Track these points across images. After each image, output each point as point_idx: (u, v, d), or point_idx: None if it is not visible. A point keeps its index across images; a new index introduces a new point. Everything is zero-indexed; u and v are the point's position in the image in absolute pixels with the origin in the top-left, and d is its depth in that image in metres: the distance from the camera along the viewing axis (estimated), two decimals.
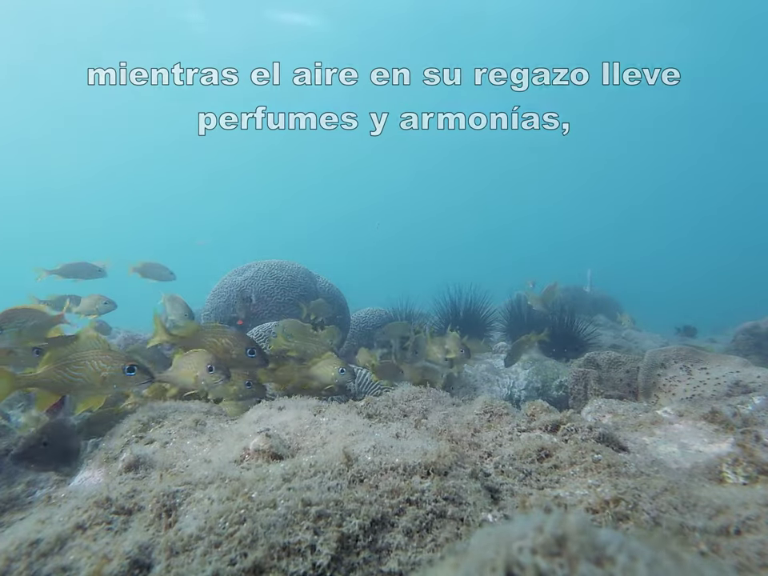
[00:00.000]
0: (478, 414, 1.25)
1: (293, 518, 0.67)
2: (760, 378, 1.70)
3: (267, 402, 1.41)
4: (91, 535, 0.73)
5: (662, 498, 0.79)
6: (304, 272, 4.04)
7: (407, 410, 1.35)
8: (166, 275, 3.54)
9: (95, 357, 1.38)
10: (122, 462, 1.01)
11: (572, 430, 1.07)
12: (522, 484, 0.91)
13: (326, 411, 1.24)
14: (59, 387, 1.37)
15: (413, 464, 0.81)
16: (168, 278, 3.56)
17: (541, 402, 1.23)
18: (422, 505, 0.73)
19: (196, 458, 1.04)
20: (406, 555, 0.66)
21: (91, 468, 1.24)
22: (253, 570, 0.61)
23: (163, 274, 3.53)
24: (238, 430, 1.15)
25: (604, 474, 0.90)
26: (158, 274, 3.52)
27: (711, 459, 1.05)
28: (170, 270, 3.55)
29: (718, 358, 1.92)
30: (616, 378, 2.12)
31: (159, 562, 0.64)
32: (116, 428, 1.42)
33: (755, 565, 0.64)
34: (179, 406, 1.49)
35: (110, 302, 2.99)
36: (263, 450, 0.91)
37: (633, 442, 1.20)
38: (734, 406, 1.36)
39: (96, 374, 1.37)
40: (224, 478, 0.81)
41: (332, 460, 0.81)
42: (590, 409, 1.57)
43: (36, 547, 0.69)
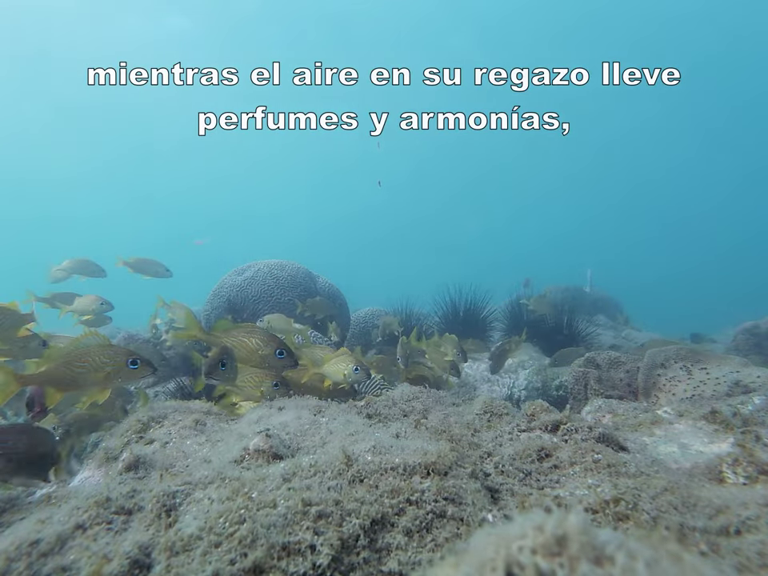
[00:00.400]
0: (478, 414, 1.25)
1: (293, 518, 0.67)
2: (760, 377, 1.70)
3: (267, 402, 1.41)
4: (91, 535, 0.73)
5: (662, 498, 0.79)
6: (304, 272, 4.04)
7: (407, 409, 1.35)
8: (162, 272, 3.48)
9: (98, 352, 1.39)
10: (122, 461, 1.01)
11: (572, 430, 1.07)
12: (522, 484, 0.91)
13: (326, 411, 1.24)
14: (64, 383, 1.38)
15: (413, 464, 0.81)
16: (163, 274, 3.49)
17: (541, 402, 1.23)
18: (421, 505, 0.73)
19: (196, 458, 1.04)
20: (406, 555, 0.66)
21: (91, 468, 1.24)
22: (253, 569, 0.61)
23: (158, 270, 3.47)
24: (238, 430, 1.15)
25: (604, 474, 0.90)
26: (153, 271, 3.46)
27: (711, 459, 1.05)
28: (165, 266, 3.50)
29: (718, 358, 1.92)
30: (616, 378, 2.11)
31: (159, 562, 0.64)
32: (116, 428, 1.42)
33: (755, 565, 0.64)
34: (179, 406, 1.49)
35: (107, 302, 2.96)
36: (263, 450, 0.91)
37: (633, 442, 1.20)
38: (734, 406, 1.36)
39: (100, 368, 1.38)
40: (224, 478, 0.81)
41: (332, 460, 0.81)
42: (590, 409, 1.57)
43: (36, 547, 0.69)
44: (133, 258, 3.45)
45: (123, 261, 3.40)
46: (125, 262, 3.40)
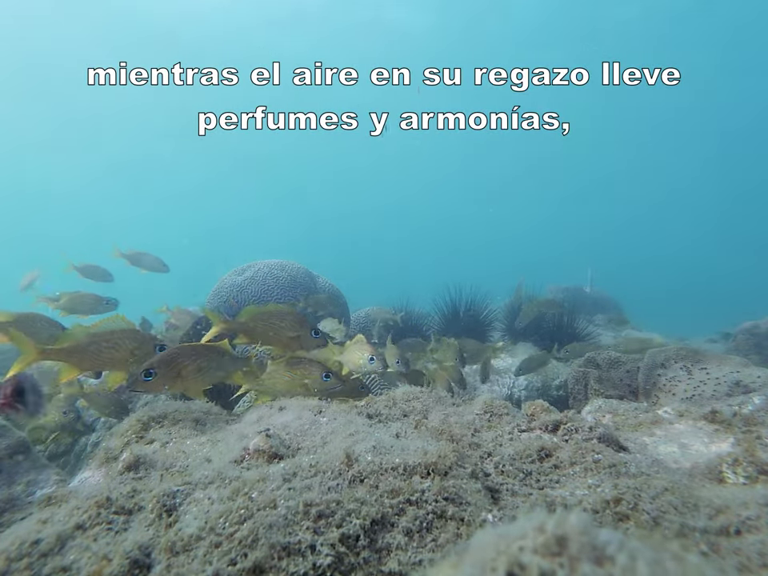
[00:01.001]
0: (479, 414, 1.25)
1: (293, 518, 0.67)
2: (760, 378, 1.70)
3: (267, 402, 1.41)
4: (91, 535, 0.73)
5: (662, 498, 0.79)
6: (304, 272, 4.04)
7: (407, 409, 1.35)
8: (159, 266, 3.43)
9: (125, 335, 1.43)
10: (122, 461, 1.01)
11: (572, 430, 1.07)
12: (523, 484, 0.91)
13: (327, 411, 1.24)
14: (86, 362, 1.41)
15: (413, 464, 0.81)
16: (161, 269, 3.44)
17: (541, 402, 1.23)
18: (422, 505, 0.73)
19: (196, 458, 1.04)
20: (406, 555, 0.66)
21: (91, 468, 1.23)
22: (253, 570, 0.61)
23: (156, 264, 3.42)
24: (239, 430, 1.15)
25: (604, 474, 0.90)
26: (151, 265, 3.41)
27: (711, 459, 1.05)
28: (163, 261, 3.45)
29: (718, 358, 1.92)
30: (616, 378, 2.11)
31: (159, 562, 0.64)
32: (116, 428, 1.42)
33: (755, 565, 0.64)
34: (179, 406, 1.49)
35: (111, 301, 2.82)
36: (263, 450, 0.91)
37: (633, 442, 1.20)
38: (734, 406, 1.36)
39: (126, 350, 1.41)
40: (224, 478, 0.81)
41: (332, 460, 0.81)
42: (590, 409, 1.57)
43: (36, 547, 0.69)
44: (131, 250, 3.38)
45: (120, 252, 3.34)
46: (122, 254, 3.34)
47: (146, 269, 3.41)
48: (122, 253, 3.35)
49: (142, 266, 3.41)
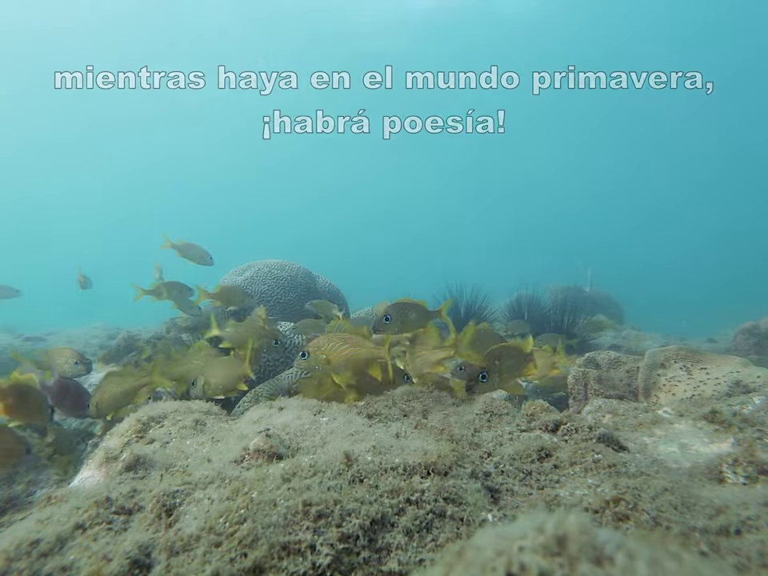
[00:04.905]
0: (478, 414, 1.25)
1: (293, 518, 0.67)
2: (760, 377, 1.70)
3: (267, 402, 1.41)
4: (91, 535, 0.73)
5: (662, 498, 0.79)
6: (304, 272, 4.04)
7: (407, 409, 1.35)
8: (206, 259, 3.32)
9: None
10: (122, 461, 1.01)
11: (572, 430, 1.07)
12: (522, 484, 0.91)
13: (326, 411, 1.24)
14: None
15: (413, 464, 0.81)
16: (207, 262, 3.35)
17: (541, 402, 1.23)
18: (422, 505, 0.73)
19: (196, 458, 1.04)
20: (406, 555, 0.66)
21: (91, 468, 1.23)
22: (253, 569, 0.61)
23: (204, 257, 3.33)
24: (239, 430, 1.15)
25: (604, 473, 0.90)
26: (199, 257, 3.32)
27: (711, 459, 1.05)
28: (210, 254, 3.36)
29: (718, 358, 1.91)
30: (616, 378, 2.11)
31: (159, 562, 0.64)
32: (116, 428, 1.42)
33: (755, 565, 0.64)
34: (179, 406, 1.49)
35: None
36: (263, 450, 0.91)
37: (633, 442, 1.20)
38: (734, 406, 1.36)
39: None
40: (224, 478, 0.81)
41: (332, 460, 0.81)
42: (590, 409, 1.57)
43: (36, 547, 0.69)
44: (181, 241, 3.30)
45: (171, 243, 3.26)
46: (173, 244, 3.26)
47: (193, 261, 3.33)
48: (173, 243, 3.27)
49: (190, 258, 3.31)
